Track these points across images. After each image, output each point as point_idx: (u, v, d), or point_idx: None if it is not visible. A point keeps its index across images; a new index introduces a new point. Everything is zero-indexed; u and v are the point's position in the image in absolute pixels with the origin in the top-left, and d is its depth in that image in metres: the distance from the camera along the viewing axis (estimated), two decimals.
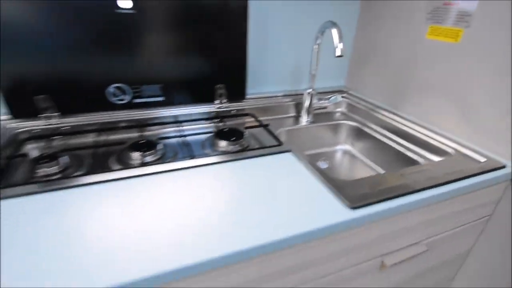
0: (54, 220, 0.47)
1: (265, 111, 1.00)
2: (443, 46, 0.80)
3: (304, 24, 1.01)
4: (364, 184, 0.59)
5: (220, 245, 0.43)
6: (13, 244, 0.42)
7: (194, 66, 0.87)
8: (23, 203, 0.50)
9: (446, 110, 0.82)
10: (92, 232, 0.45)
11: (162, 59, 0.82)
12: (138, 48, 0.79)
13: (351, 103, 1.08)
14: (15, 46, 0.68)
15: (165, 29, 0.79)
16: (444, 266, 0.84)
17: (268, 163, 0.66)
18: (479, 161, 0.71)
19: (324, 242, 0.53)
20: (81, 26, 0.71)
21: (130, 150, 0.70)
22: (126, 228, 0.46)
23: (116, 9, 0.72)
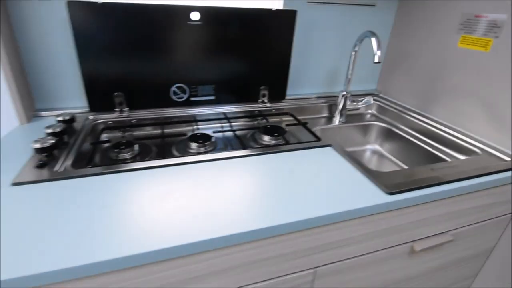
0: (134, 192, 0.57)
1: (301, 111, 1.08)
2: (473, 54, 0.86)
3: (341, 31, 1.08)
4: (398, 175, 0.66)
5: (279, 217, 0.52)
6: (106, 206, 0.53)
7: (242, 69, 0.97)
8: (108, 179, 0.60)
9: (475, 113, 0.88)
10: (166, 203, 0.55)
11: (217, 63, 0.93)
12: (199, 53, 0.90)
13: (381, 105, 1.15)
14: (95, 52, 0.81)
15: (223, 37, 0.90)
16: (468, 261, 0.88)
17: (311, 155, 0.74)
18: (505, 159, 0.76)
19: (363, 222, 0.61)
20: (156, 35, 0.83)
21: (189, 141, 0.81)
22: (195, 200, 0.56)
23: (189, 21, 0.83)
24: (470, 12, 0.85)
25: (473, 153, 0.82)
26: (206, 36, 0.88)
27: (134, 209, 0.52)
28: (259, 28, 0.92)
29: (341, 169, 0.68)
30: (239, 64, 0.96)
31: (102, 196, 0.54)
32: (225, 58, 0.93)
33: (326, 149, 0.77)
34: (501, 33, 0.78)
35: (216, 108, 0.98)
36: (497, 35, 0.79)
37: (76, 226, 0.47)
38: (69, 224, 0.47)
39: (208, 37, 0.88)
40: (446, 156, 0.88)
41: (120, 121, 0.88)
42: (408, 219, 0.66)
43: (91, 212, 0.50)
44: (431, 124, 0.97)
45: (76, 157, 0.68)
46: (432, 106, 1.01)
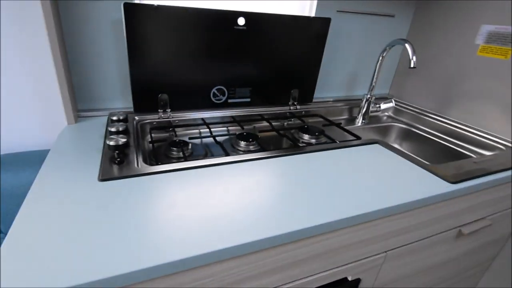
0: (191, 190, 0.56)
1: (325, 113, 1.11)
2: (493, 61, 0.93)
3: (362, 38, 1.13)
4: (449, 168, 0.70)
5: (367, 205, 0.53)
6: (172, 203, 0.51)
7: (276, 73, 0.98)
8: (171, 177, 0.58)
9: (493, 114, 0.94)
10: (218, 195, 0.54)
11: (255, 66, 0.93)
12: (240, 57, 0.90)
13: (397, 108, 1.20)
14: (145, 54, 0.78)
15: (263, 42, 0.90)
16: (495, 243, 0.94)
17: (362, 152, 0.76)
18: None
19: (428, 209, 0.63)
20: (204, 38, 0.82)
21: (239, 139, 0.80)
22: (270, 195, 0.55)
23: (235, 25, 0.83)
24: (489, 23, 0.93)
25: (497, 149, 0.88)
26: (249, 40, 0.88)
27: (215, 202, 0.50)
28: (295, 34, 0.94)
29: (398, 164, 0.70)
30: (274, 68, 0.97)
31: (183, 191, 0.52)
32: (262, 62, 0.94)
33: (374, 146, 0.79)
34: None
35: (252, 109, 0.98)
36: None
37: (174, 221, 0.45)
38: (162, 219, 0.45)
39: (250, 41, 0.88)
40: (471, 153, 0.93)
41: (164, 121, 0.86)
42: (460, 206, 0.69)
43: (181, 206, 0.48)
44: (450, 123, 1.02)
45: (143, 154, 0.65)
46: (448, 108, 1.08)
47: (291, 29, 0.93)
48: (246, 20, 0.84)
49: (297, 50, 0.97)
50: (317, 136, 0.88)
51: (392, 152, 0.76)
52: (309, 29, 0.95)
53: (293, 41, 0.95)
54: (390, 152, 0.76)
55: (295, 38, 0.95)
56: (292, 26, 0.92)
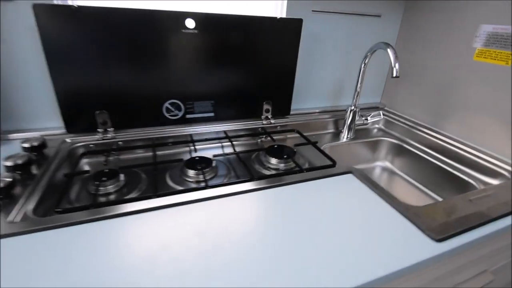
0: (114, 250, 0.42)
1: (307, 127, 0.96)
2: (492, 68, 0.75)
3: (345, 43, 0.97)
4: (437, 210, 0.54)
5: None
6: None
7: (244, 83, 0.83)
8: (82, 231, 0.46)
9: (495, 130, 0.77)
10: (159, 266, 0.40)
11: (216, 76, 0.78)
12: (196, 66, 0.75)
13: (388, 119, 1.03)
14: (71, 64, 0.65)
15: (221, 48, 0.75)
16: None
17: (331, 186, 0.61)
18: None
19: (402, 281, 0.48)
20: (144, 44, 0.68)
21: (186, 167, 0.66)
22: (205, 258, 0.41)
23: (183, 29, 0.68)
24: (488, 23, 0.75)
25: (500, 175, 0.72)
26: (203, 46, 0.73)
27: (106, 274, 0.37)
28: (261, 38, 0.79)
29: (372, 208, 0.55)
30: (240, 77, 0.82)
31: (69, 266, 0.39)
32: (225, 70, 0.79)
33: (346, 177, 0.64)
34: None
35: (216, 125, 0.83)
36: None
37: None
38: None
39: (205, 47, 0.73)
40: (469, 178, 0.77)
41: (104, 143, 0.72)
42: (451, 265, 0.54)
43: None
44: (446, 141, 0.86)
45: (43, 196, 0.51)
46: (444, 121, 0.91)
47: (257, 32, 0.77)
48: (196, 22, 0.69)
49: (265, 56, 0.82)
50: (286, 160, 0.73)
51: (366, 187, 0.60)
52: (278, 32, 0.80)
53: (260, 46, 0.80)
54: (364, 186, 0.61)
55: (263, 43, 0.80)
56: (257, 28, 0.77)
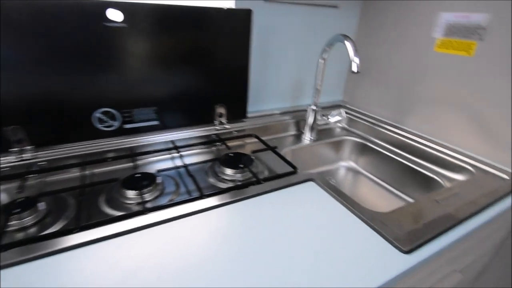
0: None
1: (266, 130, 0.89)
2: (454, 59, 0.73)
3: (303, 37, 0.91)
4: (404, 216, 0.49)
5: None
6: None
7: (191, 85, 0.74)
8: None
9: (458, 125, 0.76)
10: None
11: (157, 79, 0.69)
12: (131, 67, 0.64)
13: (351, 117, 1.00)
14: None
15: (160, 44, 0.66)
16: None
17: (291, 196, 0.54)
18: (502, 177, 0.64)
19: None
20: (61, 41, 0.56)
21: (124, 187, 0.55)
22: None
23: (105, 21, 0.58)
24: (447, 11, 0.73)
25: (465, 170, 0.70)
26: (136, 43, 0.63)
27: None
28: (207, 32, 0.71)
29: (335, 217, 0.49)
30: (186, 78, 0.73)
31: None
32: (167, 71, 0.69)
33: (307, 185, 0.58)
34: (486, 35, 0.66)
35: (161, 135, 0.73)
36: (481, 38, 0.67)
37: None
38: None
39: (139, 44, 0.64)
40: (434, 175, 0.74)
41: (21, 165, 0.60)
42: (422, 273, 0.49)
43: None
44: (409, 137, 0.83)
45: None
46: (406, 117, 0.89)
47: (201, 25, 0.69)
48: (124, 14, 0.59)
49: (214, 53, 0.73)
50: (243, 170, 0.65)
51: (329, 196, 0.54)
52: (226, 25, 0.72)
53: (206, 41, 0.71)
54: (326, 195, 0.55)
55: (209, 38, 0.71)
56: (201, 21, 0.68)
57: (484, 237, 0.60)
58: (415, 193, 0.78)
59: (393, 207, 0.77)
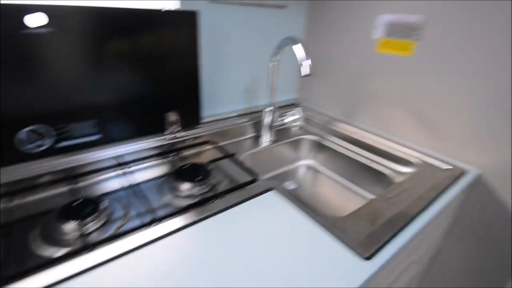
0: None
1: (224, 135, 0.85)
2: (395, 59, 0.77)
3: (253, 37, 0.89)
4: (362, 219, 0.50)
5: None
6: None
7: (137, 92, 0.67)
8: None
9: (403, 120, 0.80)
10: None
11: (97, 87, 0.61)
12: (62, 76, 0.56)
13: (306, 116, 1.00)
14: None
15: (96, 49, 0.58)
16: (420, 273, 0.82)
17: (254, 210, 0.52)
18: (445, 168, 0.69)
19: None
20: None
21: (60, 219, 0.48)
22: None
23: (23, 29, 0.49)
24: (385, 13, 0.76)
25: (411, 163, 0.74)
26: (65, 49, 0.55)
27: None
28: (150, 36, 0.64)
29: (298, 227, 0.48)
30: (131, 86, 0.66)
31: None
32: (108, 79, 0.62)
33: (268, 195, 0.56)
34: (424, 34, 0.70)
35: (105, 151, 0.66)
36: (419, 38, 0.71)
37: None
38: None
39: (69, 51, 0.55)
40: (384, 168, 0.77)
41: None
42: (383, 274, 0.50)
43: None
44: (361, 134, 0.86)
45: None
46: (358, 114, 0.92)
47: (140, 28, 0.62)
48: (49, 17, 0.51)
49: (160, 58, 0.67)
50: (200, 183, 0.61)
51: (289, 205, 0.53)
52: (170, 27, 0.66)
53: (150, 46, 0.65)
54: (287, 204, 0.53)
55: (153, 42, 0.65)
56: (139, 23, 0.62)
57: (434, 226, 0.64)
58: (370, 187, 0.81)
59: (352, 204, 0.80)
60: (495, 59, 0.60)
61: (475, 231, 0.72)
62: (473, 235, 0.73)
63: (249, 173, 0.64)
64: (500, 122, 0.62)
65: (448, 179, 0.64)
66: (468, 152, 0.69)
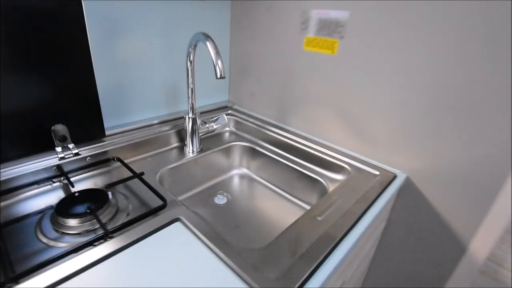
0: None
1: (139, 147, 0.72)
2: (321, 57, 0.72)
3: (169, 33, 0.76)
4: (282, 248, 0.42)
5: None
6: None
7: (11, 102, 0.51)
8: None
9: (332, 123, 0.75)
10: None
11: None
12: None
13: (238, 120, 0.92)
14: None
15: None
16: None
17: (151, 248, 0.41)
18: (375, 174, 0.65)
19: None
20: None
21: None
22: None
23: None
24: (309, 9, 0.70)
25: (343, 170, 0.69)
26: None
27: None
28: (18, 31, 0.49)
29: (202, 269, 0.38)
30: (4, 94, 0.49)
31: None
32: None
33: (174, 227, 0.45)
34: (346, 33, 0.65)
35: None
36: (342, 35, 0.66)
37: None
38: None
39: None
40: (317, 175, 0.72)
41: None
42: None
43: None
44: (292, 138, 0.80)
45: None
46: (289, 117, 0.85)
47: (13, 18, 0.46)
48: None
49: (36, 57, 0.52)
50: (89, 217, 0.48)
51: (196, 240, 0.43)
52: (49, 19, 0.51)
53: (19, 42, 0.49)
54: (193, 239, 0.43)
55: (23, 38, 0.49)
56: (10, 13, 0.46)
57: (365, 240, 0.60)
58: (306, 195, 0.75)
59: (288, 216, 0.73)
60: (418, 59, 0.57)
61: (408, 234, 0.71)
62: (406, 238, 0.72)
63: (159, 197, 0.53)
64: (424, 123, 0.60)
65: (377, 187, 0.60)
66: (394, 156, 0.66)
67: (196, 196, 0.77)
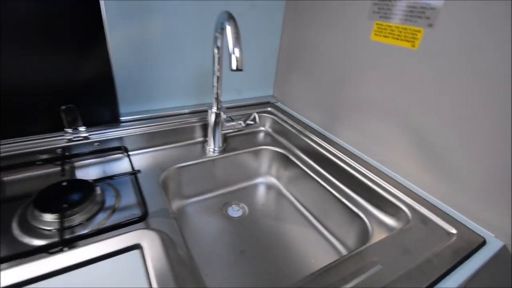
0: None
1: (154, 139, 0.64)
2: (394, 52, 0.50)
3: (199, 15, 0.65)
4: None
5: None
6: None
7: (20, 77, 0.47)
8: None
9: (396, 143, 0.54)
10: None
11: None
12: None
13: (277, 120, 0.76)
14: None
15: None
16: None
17: (107, 279, 0.31)
18: (449, 231, 0.43)
19: None
20: None
21: None
22: None
23: None
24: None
25: (398, 212, 0.49)
26: None
27: None
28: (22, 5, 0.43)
29: None
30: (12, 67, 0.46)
31: None
32: None
33: (128, 257, 0.35)
34: (437, 19, 0.43)
35: None
36: (431, 23, 0.44)
37: None
38: None
39: None
40: (361, 212, 0.52)
41: None
42: None
43: None
44: (335, 154, 0.61)
45: None
46: (337, 124, 0.66)
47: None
48: None
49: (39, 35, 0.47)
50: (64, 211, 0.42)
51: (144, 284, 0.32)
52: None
53: (30, 12, 0.44)
54: (142, 280, 0.32)
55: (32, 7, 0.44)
56: None
57: None
58: (340, 231, 0.57)
59: (311, 253, 0.54)
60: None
61: None
62: None
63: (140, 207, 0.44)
64: None
65: (451, 253, 0.39)
66: (489, 209, 0.43)
67: (208, 202, 0.66)
